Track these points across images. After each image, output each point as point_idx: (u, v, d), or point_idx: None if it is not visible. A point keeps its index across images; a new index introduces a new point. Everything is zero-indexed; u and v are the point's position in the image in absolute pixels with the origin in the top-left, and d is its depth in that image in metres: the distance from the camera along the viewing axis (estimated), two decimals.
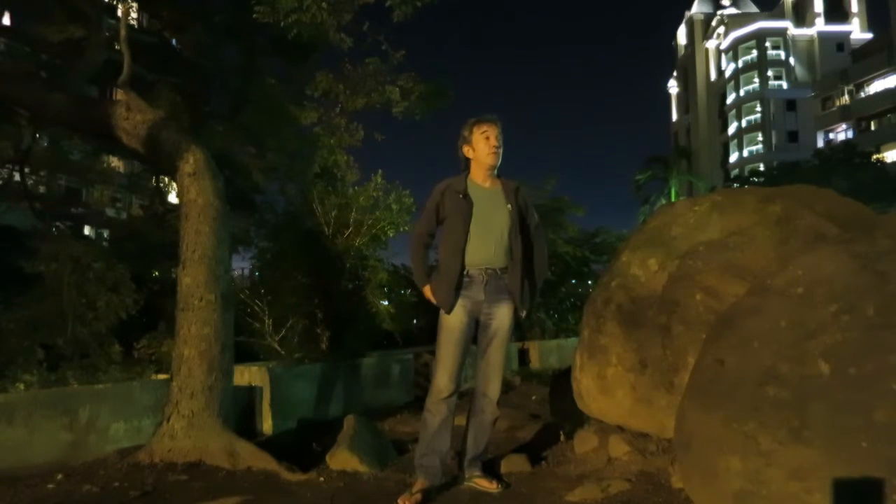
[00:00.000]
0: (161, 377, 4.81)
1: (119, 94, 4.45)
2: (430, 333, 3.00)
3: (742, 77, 53.62)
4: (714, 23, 59.22)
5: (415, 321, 8.27)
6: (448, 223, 3.02)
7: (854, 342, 2.00)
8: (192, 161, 4.13)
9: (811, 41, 52.89)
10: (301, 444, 4.10)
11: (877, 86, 40.32)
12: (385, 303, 6.94)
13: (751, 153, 51.96)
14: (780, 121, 51.26)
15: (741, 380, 2.18)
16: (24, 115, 5.55)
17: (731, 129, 54.40)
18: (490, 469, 3.20)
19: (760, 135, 51.79)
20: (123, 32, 4.57)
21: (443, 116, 7.62)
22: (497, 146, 3.04)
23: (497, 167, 3.10)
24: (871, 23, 52.25)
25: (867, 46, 45.38)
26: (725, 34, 55.87)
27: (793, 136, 50.27)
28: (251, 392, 4.81)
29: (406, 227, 6.42)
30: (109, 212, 19.28)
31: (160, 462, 3.55)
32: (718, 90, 58.02)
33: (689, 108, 61.77)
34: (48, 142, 7.55)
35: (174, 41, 6.87)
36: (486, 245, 2.98)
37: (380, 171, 6.59)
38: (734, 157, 53.16)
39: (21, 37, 6.76)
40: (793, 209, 3.08)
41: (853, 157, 26.64)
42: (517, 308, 3.05)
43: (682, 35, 65.33)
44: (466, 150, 3.10)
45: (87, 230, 18.67)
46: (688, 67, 62.56)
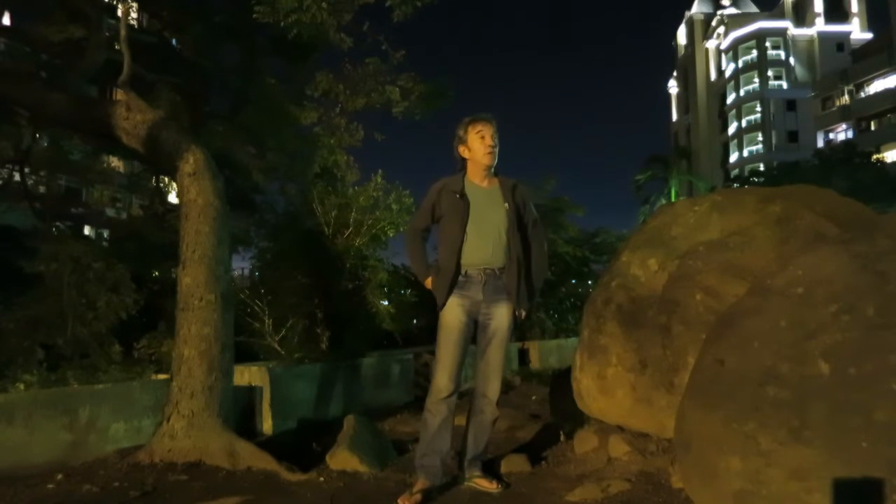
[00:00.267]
0: (161, 377, 4.81)
1: (119, 94, 4.45)
2: (430, 333, 3.00)
3: (742, 77, 53.59)
4: (714, 23, 59.20)
5: (415, 321, 8.27)
6: (445, 223, 2.99)
7: (854, 342, 2.00)
8: (192, 161, 4.13)
9: (811, 41, 52.87)
10: (301, 444, 4.10)
11: (877, 86, 40.33)
12: (385, 303, 6.95)
13: (751, 153, 51.93)
14: (780, 121, 51.23)
15: (741, 380, 2.18)
16: (24, 115, 5.55)
17: (731, 129, 54.38)
18: (490, 469, 3.20)
19: (760, 135, 51.76)
20: (123, 32, 4.57)
21: (443, 116, 7.62)
22: (493, 145, 2.99)
23: (493, 166, 3.05)
24: (871, 23, 52.32)
25: (867, 46, 45.40)
26: (725, 34, 55.85)
27: (793, 136, 50.25)
28: (251, 392, 4.81)
29: (406, 228, 6.42)
30: (109, 212, 19.27)
31: (160, 462, 3.55)
32: (718, 90, 58.00)
33: (689, 108, 61.76)
34: (48, 142, 7.55)
35: (174, 41, 6.87)
36: (485, 245, 2.96)
37: (380, 171, 6.61)
38: (734, 157, 53.14)
39: (21, 37, 6.75)
40: (793, 209, 3.09)
41: (853, 157, 26.61)
42: (515, 308, 3.03)
43: (682, 35, 65.32)
44: (462, 150, 3.06)
45: (87, 230, 18.66)
46: (688, 67, 62.55)
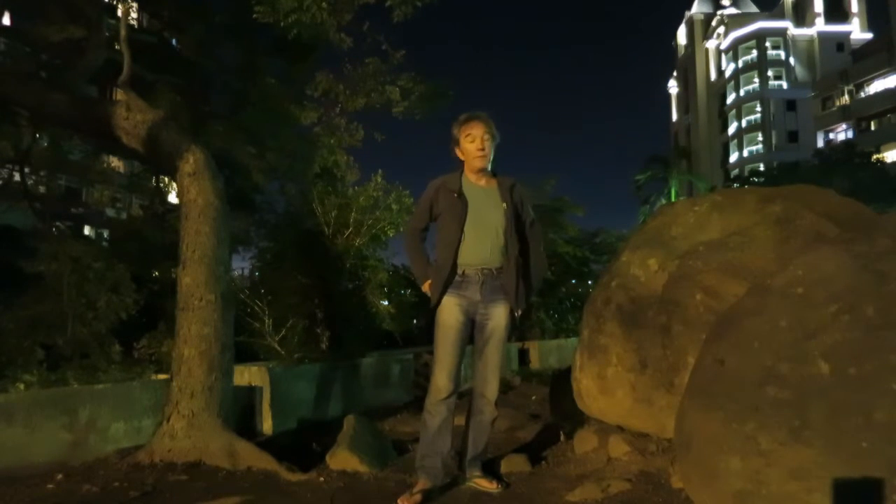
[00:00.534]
0: (161, 377, 4.82)
1: (119, 94, 4.45)
2: (430, 333, 2.99)
3: (742, 77, 53.58)
4: (714, 23, 59.19)
5: (415, 321, 8.27)
6: (443, 222, 2.97)
7: (854, 342, 2.00)
8: (192, 161, 4.13)
9: (811, 41, 52.86)
10: (301, 444, 4.10)
11: (877, 86, 40.32)
12: (385, 303, 6.97)
13: (751, 153, 51.93)
14: (780, 121, 51.23)
15: (741, 380, 2.18)
16: (24, 115, 5.55)
17: (731, 129, 54.36)
18: (490, 469, 3.20)
19: (760, 135, 51.76)
20: (123, 32, 4.57)
21: (443, 116, 7.63)
22: (482, 148, 2.94)
23: (487, 168, 3.01)
24: (871, 23, 52.28)
25: (867, 46, 45.37)
26: (725, 34, 55.84)
27: (793, 136, 50.23)
28: (251, 392, 4.81)
29: (405, 228, 6.42)
30: (109, 212, 19.25)
31: (160, 462, 3.55)
32: (718, 90, 57.99)
33: (689, 108, 61.75)
34: (48, 142, 7.54)
35: (174, 41, 6.87)
36: (482, 244, 2.94)
37: (380, 172, 6.62)
38: (734, 157, 53.13)
39: (21, 37, 6.76)
40: (793, 209, 3.09)
41: (853, 157, 26.61)
42: (513, 308, 3.01)
43: (682, 35, 65.30)
44: (457, 152, 3.04)
45: (87, 230, 18.69)
46: (688, 67, 62.54)
